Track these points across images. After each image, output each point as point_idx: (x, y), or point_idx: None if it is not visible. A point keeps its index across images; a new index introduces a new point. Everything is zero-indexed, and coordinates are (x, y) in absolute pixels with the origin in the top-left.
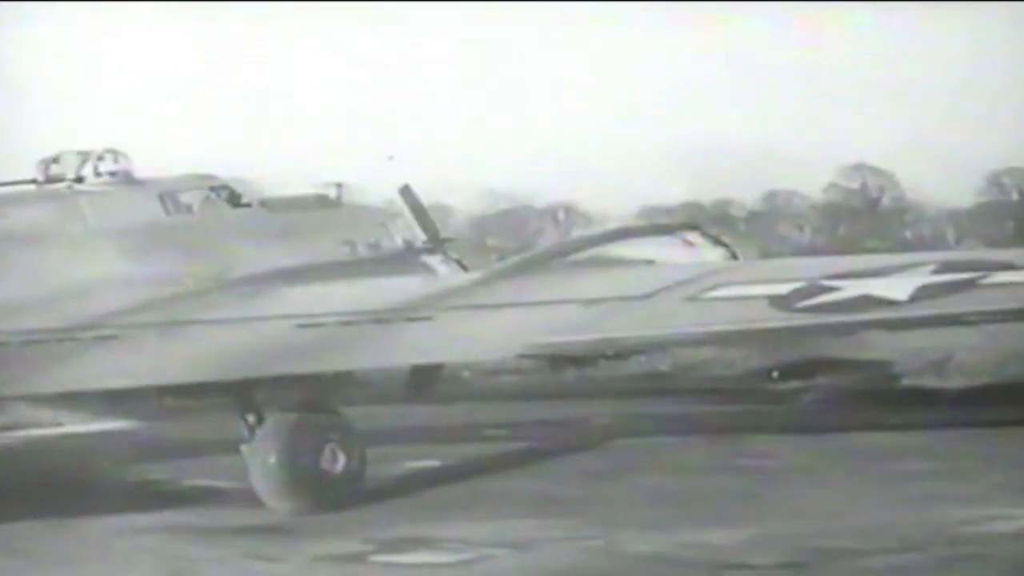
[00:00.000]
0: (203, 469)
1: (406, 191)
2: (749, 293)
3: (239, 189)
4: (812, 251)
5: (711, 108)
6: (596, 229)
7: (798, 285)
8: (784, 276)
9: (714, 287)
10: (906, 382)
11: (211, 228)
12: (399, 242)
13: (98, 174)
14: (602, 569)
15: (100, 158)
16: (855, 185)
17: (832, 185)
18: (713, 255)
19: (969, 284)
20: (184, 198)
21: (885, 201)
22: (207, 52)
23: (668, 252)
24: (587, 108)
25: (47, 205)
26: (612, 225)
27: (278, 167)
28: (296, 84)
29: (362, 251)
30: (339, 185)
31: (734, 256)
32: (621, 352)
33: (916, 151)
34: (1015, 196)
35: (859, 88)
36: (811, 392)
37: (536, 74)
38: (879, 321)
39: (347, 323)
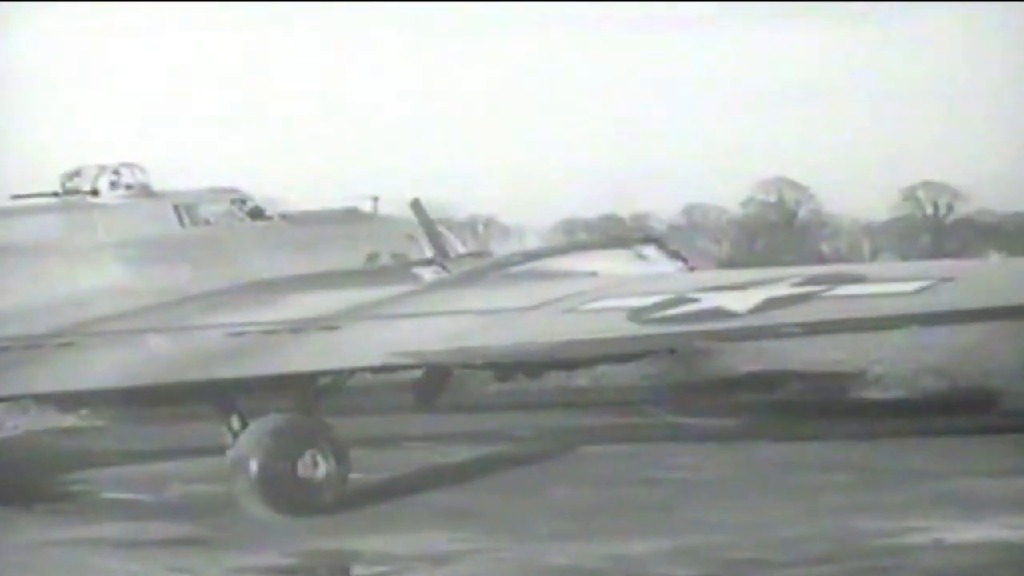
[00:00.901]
0: (126, 481)
1: (416, 205)
2: (615, 305)
3: (261, 202)
4: (730, 264)
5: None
6: (553, 242)
7: (664, 298)
8: (662, 289)
9: (595, 299)
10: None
11: (225, 241)
12: (428, 255)
13: (115, 187)
14: None
15: (116, 172)
16: (772, 199)
17: (750, 199)
18: (667, 268)
19: (808, 297)
20: (202, 211)
21: (802, 215)
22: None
23: (619, 265)
24: (507, 122)
25: (58, 217)
26: (530, 238)
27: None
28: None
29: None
30: (375, 198)
31: (690, 270)
32: (493, 361)
33: (833, 165)
34: (929, 210)
35: (777, 102)
36: (734, 405)
37: (457, 88)
38: (710, 332)
39: (269, 332)
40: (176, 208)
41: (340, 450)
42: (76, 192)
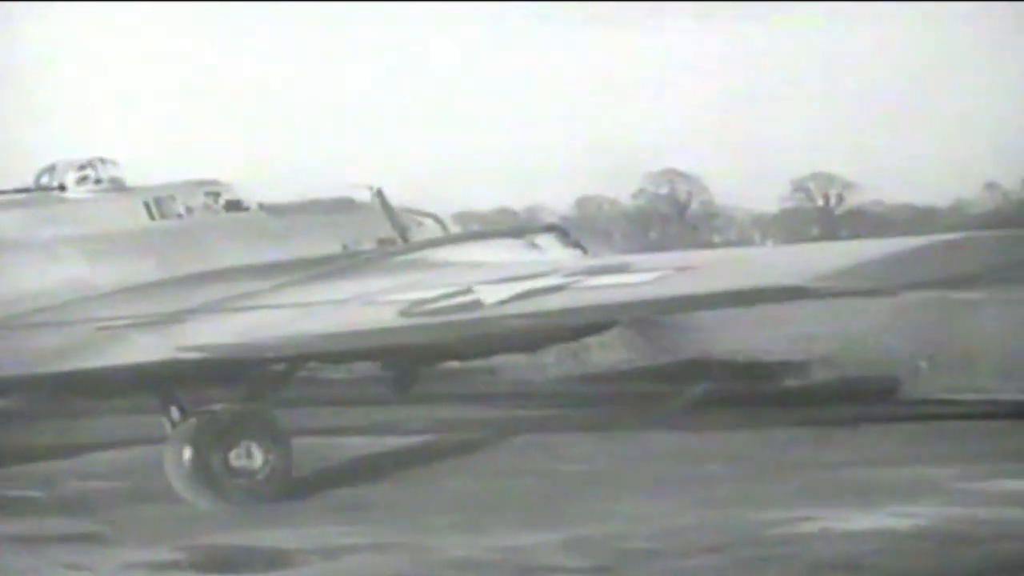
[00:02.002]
0: (19, 477)
1: (379, 195)
2: (403, 298)
3: (240, 193)
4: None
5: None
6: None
7: (449, 290)
8: (450, 282)
9: (405, 292)
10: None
11: (195, 233)
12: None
13: (84, 182)
14: (412, 575)
15: (85, 167)
16: (664, 190)
17: (641, 191)
18: (563, 256)
19: (560, 288)
20: (175, 204)
21: (694, 206)
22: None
23: (509, 254)
24: (398, 113)
25: (21, 212)
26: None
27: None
28: None
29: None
30: (373, 187)
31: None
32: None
33: (724, 157)
34: (820, 201)
35: (667, 93)
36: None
37: (347, 79)
38: (446, 325)
39: (133, 325)
40: (146, 202)
41: (280, 441)
42: (45, 188)
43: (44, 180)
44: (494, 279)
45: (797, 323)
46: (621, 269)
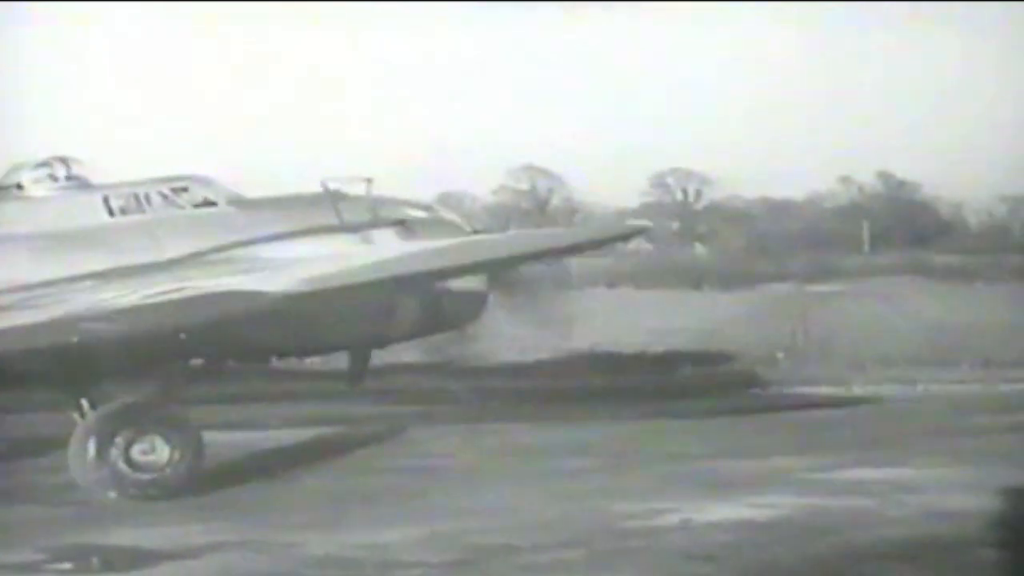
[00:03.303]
0: None
1: (326, 186)
2: (146, 292)
3: (206, 190)
4: None
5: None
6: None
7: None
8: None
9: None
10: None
11: (153, 229)
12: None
13: (46, 180)
14: (275, 572)
15: (43, 165)
16: (524, 186)
17: (502, 187)
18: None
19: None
20: (139, 201)
21: (555, 202)
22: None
23: (342, 249)
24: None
25: None
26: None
27: None
28: None
29: None
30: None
31: None
32: None
33: (584, 153)
34: (679, 196)
35: (528, 90)
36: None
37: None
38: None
39: None
40: (105, 198)
41: (187, 436)
42: (3, 187)
43: (6, 180)
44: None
45: (655, 316)
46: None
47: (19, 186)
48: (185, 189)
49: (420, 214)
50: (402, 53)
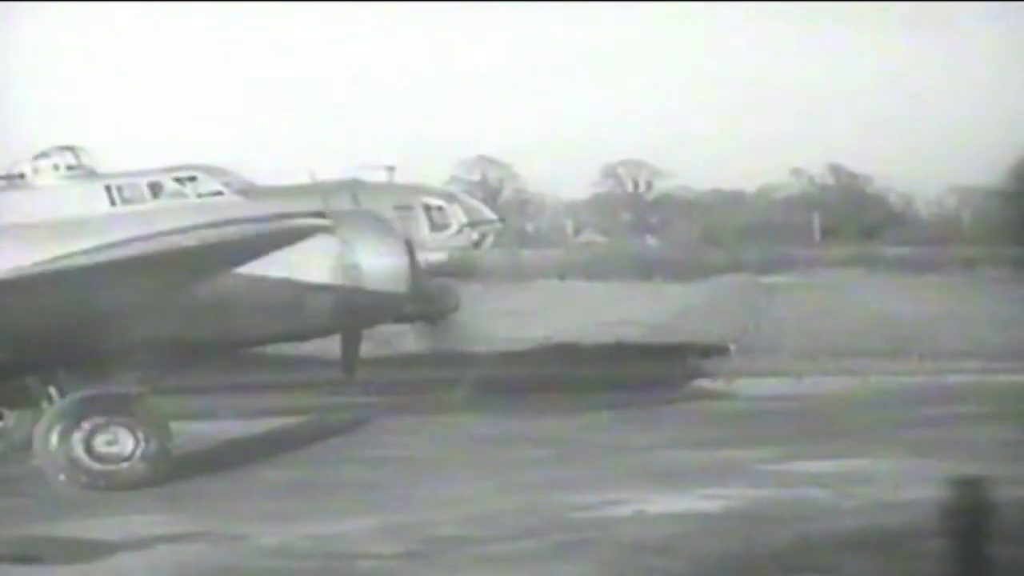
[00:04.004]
0: None
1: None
2: None
3: (216, 179)
4: None
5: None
6: None
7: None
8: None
9: None
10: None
11: (152, 218)
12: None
13: (48, 169)
14: (228, 563)
15: (46, 155)
16: (476, 177)
17: (453, 178)
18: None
19: None
20: (142, 190)
21: (507, 193)
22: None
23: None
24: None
25: None
26: None
27: None
28: None
29: None
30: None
31: None
32: None
33: (535, 143)
34: (630, 187)
35: (479, 83)
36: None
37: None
38: None
39: None
40: (108, 188)
41: (154, 426)
42: (7, 177)
43: (12, 170)
44: None
45: (607, 308)
46: None
47: (21, 175)
48: (193, 178)
49: (437, 202)
50: (362, 48)
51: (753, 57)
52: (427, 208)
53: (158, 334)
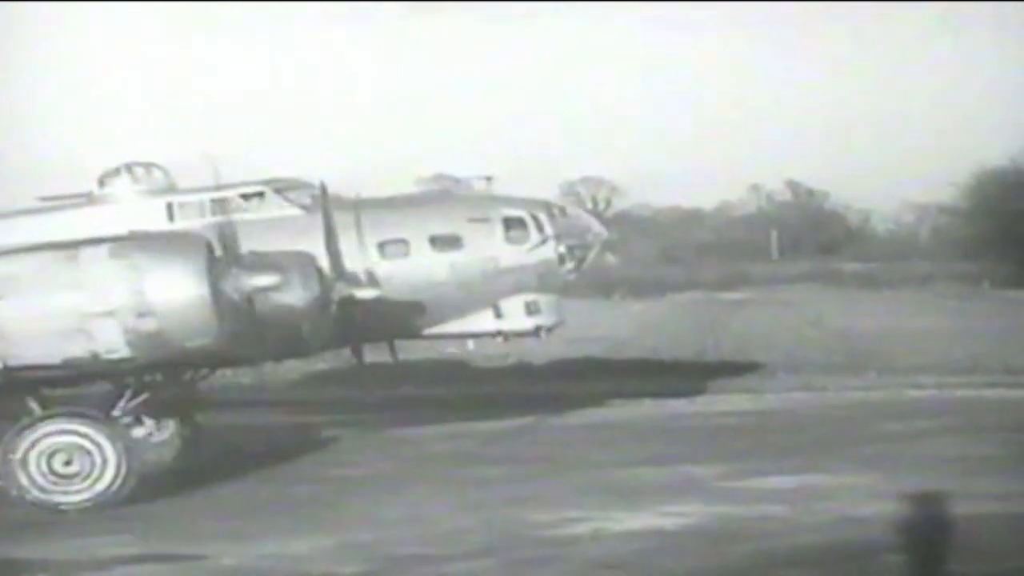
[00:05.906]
0: None
1: (322, 187)
2: None
3: (284, 195)
4: None
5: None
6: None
7: None
8: None
9: None
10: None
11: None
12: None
13: (117, 186)
14: None
15: (126, 170)
16: None
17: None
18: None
19: None
20: (202, 207)
21: None
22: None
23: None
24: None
25: (51, 219)
26: None
27: None
28: None
29: None
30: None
31: None
32: None
33: (494, 161)
34: (589, 204)
35: (438, 97)
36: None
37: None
38: None
39: None
40: (169, 205)
41: (127, 447)
42: (81, 194)
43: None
44: None
45: (567, 325)
46: None
47: (97, 192)
48: (261, 195)
49: (517, 213)
50: (313, 62)
51: (711, 74)
52: (506, 220)
53: None
